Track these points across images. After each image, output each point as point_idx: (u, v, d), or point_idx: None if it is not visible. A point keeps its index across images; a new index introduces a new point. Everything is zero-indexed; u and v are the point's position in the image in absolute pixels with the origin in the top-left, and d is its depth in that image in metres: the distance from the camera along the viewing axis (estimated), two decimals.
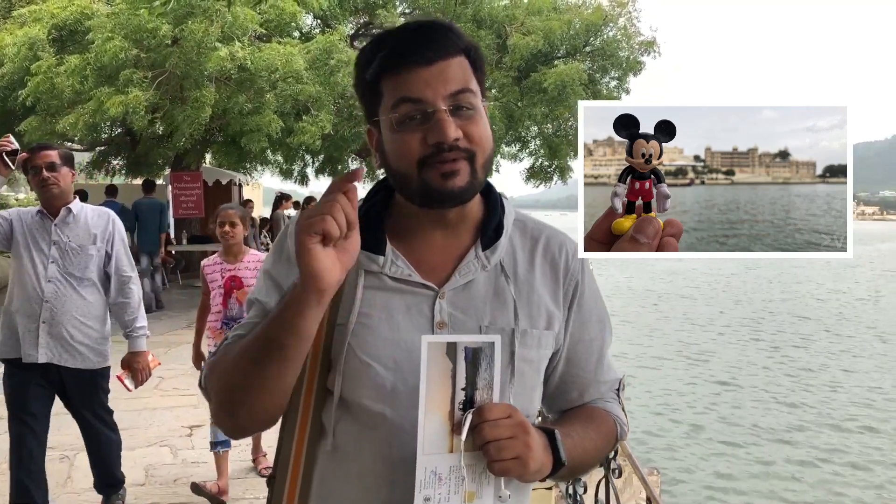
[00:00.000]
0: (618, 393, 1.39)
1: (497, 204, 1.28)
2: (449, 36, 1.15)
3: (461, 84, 1.14)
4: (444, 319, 1.19)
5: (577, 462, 1.18)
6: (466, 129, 1.14)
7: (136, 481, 4.71)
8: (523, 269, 1.26)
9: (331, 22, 15.45)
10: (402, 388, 1.16)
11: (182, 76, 10.22)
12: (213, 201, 17.31)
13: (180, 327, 10.33)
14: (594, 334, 1.33)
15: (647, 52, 14.67)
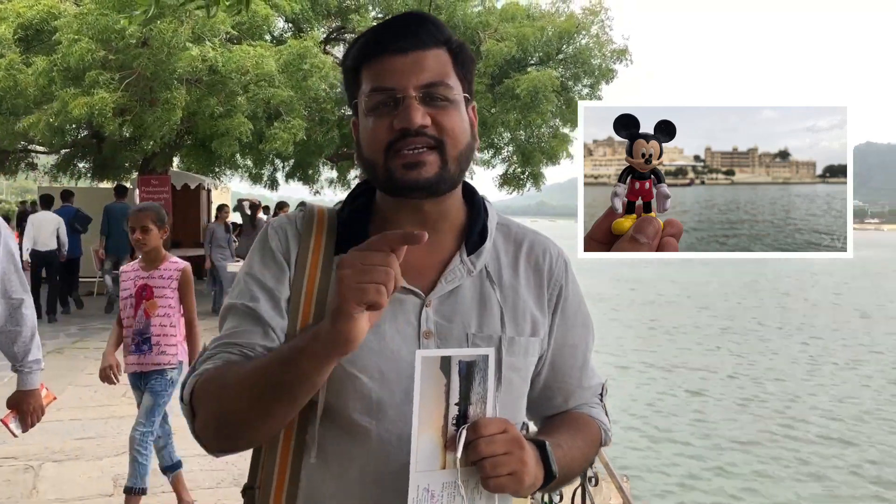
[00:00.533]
0: (601, 398, 1.37)
1: (481, 208, 1.26)
2: (429, 27, 1.15)
3: (435, 76, 1.12)
4: (431, 328, 1.17)
5: (566, 472, 1.17)
6: (437, 117, 1.12)
7: (103, 492, 4.61)
8: (508, 275, 1.24)
9: (303, 26, 15.38)
10: (389, 400, 1.13)
11: (151, 77, 10.07)
12: (182, 206, 17.16)
13: None
14: (578, 340, 1.31)
15: (619, 59, 14.80)
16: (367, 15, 15.98)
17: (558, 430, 1.26)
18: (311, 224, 1.23)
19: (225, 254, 11.87)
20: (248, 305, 1.18)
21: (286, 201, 12.97)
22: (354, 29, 15.78)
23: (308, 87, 11.29)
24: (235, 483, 4.73)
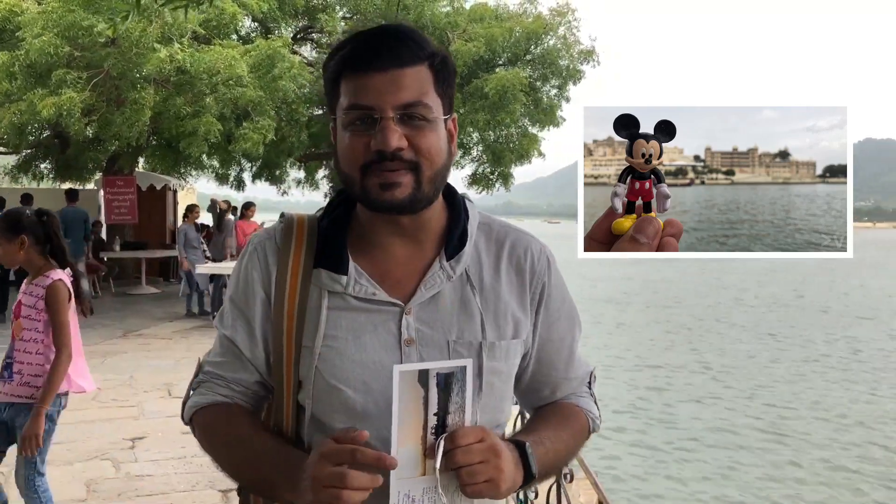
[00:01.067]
0: (590, 386, 1.39)
1: (461, 210, 1.26)
2: (410, 44, 1.13)
3: (414, 95, 1.11)
4: (412, 336, 1.18)
5: (548, 469, 1.20)
6: (414, 139, 1.11)
7: (76, 497, 4.53)
8: (489, 277, 1.24)
9: (270, 25, 15.25)
10: (373, 409, 1.15)
11: (118, 77, 9.90)
12: (148, 207, 16.94)
13: (115, 336, 10.02)
14: (563, 333, 1.32)
15: (586, 60, 14.91)
16: (334, 14, 15.90)
17: (544, 424, 1.27)
18: (290, 237, 1.24)
19: (197, 254, 11.74)
20: (228, 336, 1.26)
21: (253, 202, 12.85)
22: (322, 28, 15.70)
23: (277, 88, 11.20)
24: (211, 486, 4.68)
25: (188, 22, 10.09)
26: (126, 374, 7.75)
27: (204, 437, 1.27)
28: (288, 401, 1.21)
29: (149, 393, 7.01)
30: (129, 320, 11.39)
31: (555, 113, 15.06)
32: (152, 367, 8.11)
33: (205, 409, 1.27)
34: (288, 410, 1.21)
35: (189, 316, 11.76)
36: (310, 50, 17.62)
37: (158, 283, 16.45)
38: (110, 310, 12.54)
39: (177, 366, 8.21)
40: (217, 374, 1.27)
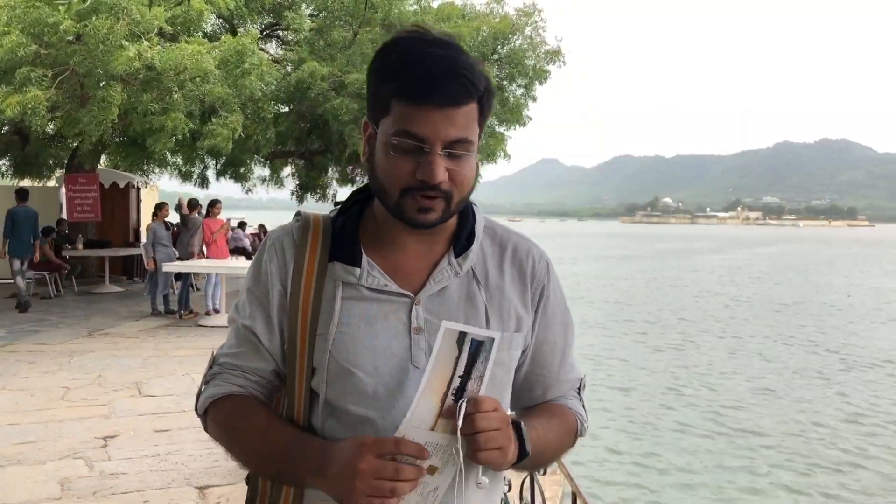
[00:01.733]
0: (579, 391, 1.46)
1: (469, 213, 1.34)
2: (465, 82, 1.17)
3: (462, 133, 1.17)
4: (421, 325, 1.25)
5: (539, 454, 1.26)
6: (453, 171, 1.18)
7: (51, 496, 4.52)
8: (494, 275, 1.32)
9: (236, 22, 15.16)
10: (383, 392, 1.22)
11: (85, 74, 9.78)
12: (111, 204, 16.73)
13: (80, 335, 9.92)
14: (558, 336, 1.40)
15: (552, 60, 15.07)
16: (301, 12, 15.85)
17: (535, 416, 1.35)
18: (306, 233, 1.31)
19: (168, 252, 11.65)
20: (247, 325, 1.31)
21: (219, 199, 12.78)
22: (288, 26, 15.64)
23: (244, 85, 11.16)
24: (187, 483, 4.70)
25: (154, 19, 10.01)
26: (94, 373, 7.69)
27: (220, 428, 1.31)
28: (301, 388, 1.26)
29: (119, 392, 6.97)
30: (94, 319, 11.27)
31: (521, 112, 15.20)
32: (121, 365, 8.06)
33: (220, 401, 1.31)
34: (301, 398, 1.26)
35: (155, 314, 11.67)
36: (275, 47, 17.55)
37: (122, 281, 16.27)
38: (74, 309, 12.40)
39: (145, 364, 8.17)
40: (233, 364, 1.33)
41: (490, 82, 1.23)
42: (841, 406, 12.62)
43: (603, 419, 11.16)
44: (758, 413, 12.09)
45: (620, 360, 16.21)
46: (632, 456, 9.92)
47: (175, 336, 10.03)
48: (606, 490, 8.69)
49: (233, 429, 1.30)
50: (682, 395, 13.21)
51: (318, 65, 13.30)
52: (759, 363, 16.25)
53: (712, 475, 9.22)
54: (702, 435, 10.81)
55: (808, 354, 17.46)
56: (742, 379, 14.57)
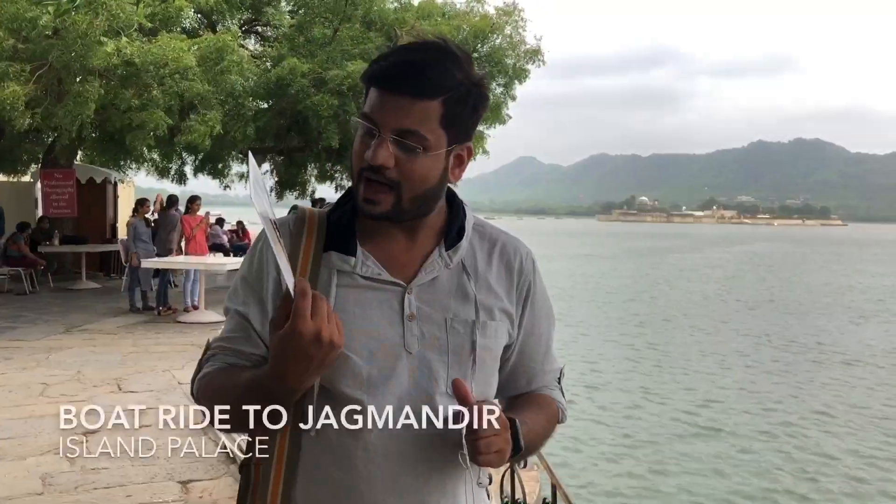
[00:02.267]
0: (559, 381, 1.53)
1: (460, 210, 1.40)
2: (431, 79, 1.24)
3: (413, 124, 1.23)
4: (413, 312, 1.31)
5: (529, 446, 1.33)
6: (402, 161, 1.24)
7: (32, 490, 4.52)
8: (482, 268, 1.39)
9: (215, 18, 15.10)
10: (377, 375, 1.27)
11: (62, 69, 9.71)
12: (88, 200, 16.58)
13: (58, 332, 9.86)
14: (543, 329, 1.47)
15: (532, 59, 15.17)
16: (280, 8, 15.83)
17: (525, 408, 1.41)
18: (302, 223, 1.36)
19: (148, 248, 11.59)
20: (240, 311, 1.36)
21: (198, 195, 12.75)
22: (268, 22, 15.62)
23: (224, 82, 11.14)
24: (169, 477, 4.72)
25: (133, 15, 9.96)
26: (73, 369, 7.67)
27: (203, 395, 1.34)
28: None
29: (99, 388, 6.96)
30: (71, 315, 11.19)
31: (501, 111, 15.29)
32: (100, 361, 8.04)
33: (208, 374, 1.35)
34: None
35: (133, 311, 11.62)
36: (254, 43, 17.49)
37: (98, 277, 16.14)
38: (50, 305, 12.30)
39: (124, 360, 8.15)
40: (226, 346, 1.36)
41: (468, 87, 1.27)
42: (811, 404, 12.84)
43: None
44: (728, 412, 12.28)
45: (589, 358, 16.34)
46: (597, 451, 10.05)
47: (154, 333, 10.00)
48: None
49: (211, 390, 1.33)
50: (651, 392, 13.40)
51: (299, 61, 13.28)
52: (730, 362, 16.48)
53: (684, 477, 9.35)
54: (672, 434, 10.96)
55: (780, 352, 17.75)
56: (712, 377, 14.78)
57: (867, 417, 12.01)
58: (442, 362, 1.30)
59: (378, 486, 1.27)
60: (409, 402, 1.26)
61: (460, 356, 1.31)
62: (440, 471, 1.30)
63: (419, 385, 1.28)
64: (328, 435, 1.28)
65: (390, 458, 1.26)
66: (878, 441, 10.77)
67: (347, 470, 1.28)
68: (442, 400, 1.28)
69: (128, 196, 21.89)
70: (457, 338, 1.32)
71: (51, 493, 4.53)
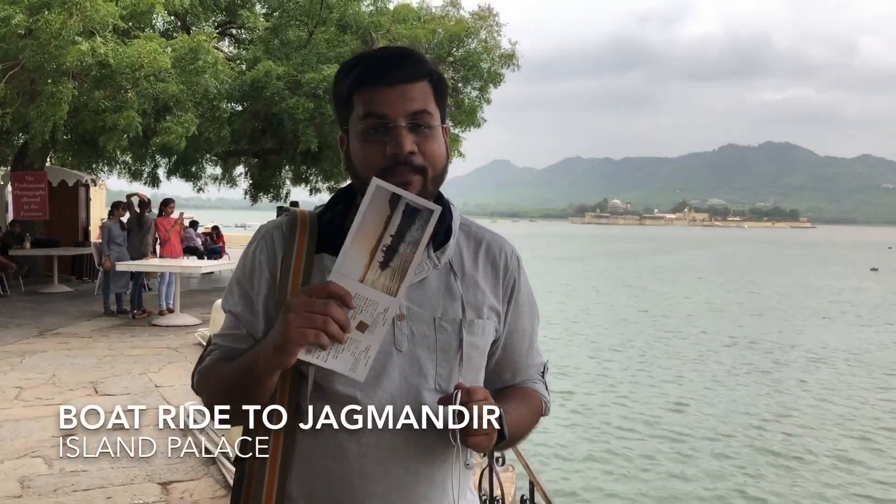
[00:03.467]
0: (542, 375, 1.60)
1: (447, 210, 1.44)
2: (413, 63, 1.33)
3: (420, 105, 1.31)
4: (403, 312, 1.36)
5: (513, 435, 1.39)
6: (422, 145, 1.30)
7: (11, 493, 4.51)
8: (469, 268, 1.44)
9: (189, 19, 15.03)
10: (370, 375, 1.30)
11: (34, 70, 9.63)
12: (59, 203, 16.40)
13: (31, 336, 9.76)
14: (527, 324, 1.53)
15: (506, 64, 15.29)
16: (255, 10, 15.80)
17: (509, 400, 1.46)
18: (294, 226, 1.41)
19: (122, 251, 11.50)
20: (233, 311, 1.41)
21: (172, 198, 12.67)
22: (243, 24, 15.57)
23: (199, 84, 11.10)
24: (149, 479, 4.73)
25: (107, 15, 9.89)
26: (48, 372, 7.61)
27: (201, 385, 1.41)
28: (285, 371, 1.31)
29: (74, 391, 6.92)
30: (44, 319, 11.08)
31: (476, 114, 15.39)
32: (75, 365, 7.98)
33: (206, 365, 1.42)
34: (283, 380, 1.33)
35: (107, 314, 11.53)
36: (229, 46, 17.43)
37: (71, 280, 15.98)
38: (22, 309, 12.15)
39: (100, 364, 8.10)
40: (223, 344, 1.41)
41: (437, 69, 1.37)
42: (771, 405, 13.05)
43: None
44: (694, 413, 12.47)
45: (560, 362, 16.46)
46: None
47: (129, 336, 9.94)
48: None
49: (210, 376, 1.39)
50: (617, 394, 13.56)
51: (274, 64, 13.28)
52: (696, 363, 16.70)
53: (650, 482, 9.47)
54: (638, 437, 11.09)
55: (743, 352, 18.02)
56: (674, 380, 14.97)
57: (831, 415, 12.28)
58: (431, 360, 1.35)
59: (370, 478, 1.32)
60: (400, 398, 1.32)
61: (448, 353, 1.37)
62: (429, 462, 1.35)
63: (409, 381, 1.33)
64: (323, 430, 1.33)
65: (382, 451, 1.32)
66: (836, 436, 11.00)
67: (341, 462, 1.33)
68: (430, 396, 1.33)
69: (100, 199, 21.66)
70: (445, 336, 1.37)
71: (29, 495, 4.52)
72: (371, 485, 1.32)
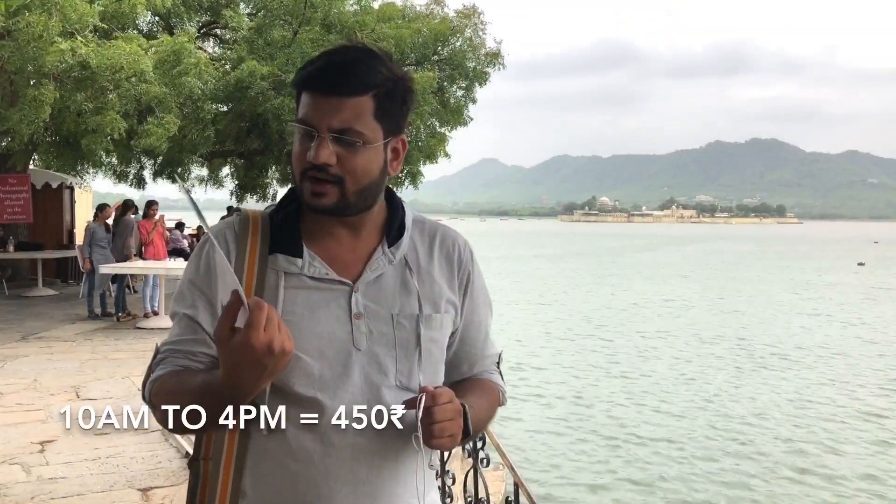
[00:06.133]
0: (498, 365, 1.60)
1: (399, 207, 1.46)
2: (358, 76, 1.30)
3: (348, 123, 1.29)
4: (360, 311, 1.35)
5: (476, 430, 1.39)
6: (343, 158, 1.30)
7: None
8: (424, 262, 1.44)
9: (173, 20, 14.94)
10: (329, 374, 1.32)
11: (14, 72, 9.53)
12: (44, 206, 16.27)
13: (13, 340, 9.66)
14: (482, 316, 1.54)
15: (492, 63, 15.26)
16: (239, 10, 15.71)
17: (469, 393, 1.45)
18: (246, 226, 1.39)
19: (105, 254, 11.41)
20: (188, 314, 1.37)
21: (155, 200, 12.58)
22: (227, 24, 15.48)
23: (182, 85, 11.02)
24: (129, 485, 4.67)
25: (87, 15, 9.80)
26: (29, 377, 7.53)
27: (155, 399, 1.32)
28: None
29: (56, 396, 6.85)
30: (27, 323, 10.98)
31: (462, 113, 15.37)
32: (57, 369, 7.90)
33: (160, 377, 1.34)
34: None
35: (91, 317, 11.43)
36: (213, 45, 17.33)
37: (55, 284, 15.85)
38: (5, 313, 12.04)
39: (83, 367, 8.02)
40: (176, 349, 1.36)
41: (395, 82, 1.34)
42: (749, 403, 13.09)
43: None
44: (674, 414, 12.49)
45: (535, 362, 16.44)
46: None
47: (113, 339, 9.86)
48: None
49: (167, 392, 1.31)
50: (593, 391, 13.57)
51: (258, 64, 13.21)
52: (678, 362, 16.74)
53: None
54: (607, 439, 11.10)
55: (725, 350, 18.09)
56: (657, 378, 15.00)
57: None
58: (390, 356, 1.35)
59: (335, 478, 1.31)
60: (362, 397, 1.31)
61: (407, 349, 1.36)
62: (394, 460, 1.34)
63: (369, 380, 1.33)
64: (282, 432, 1.31)
65: (346, 450, 1.30)
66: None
67: (305, 462, 1.31)
68: (391, 392, 1.33)
69: (86, 201, 21.49)
70: (403, 332, 1.36)
71: (8, 500, 4.46)
72: (337, 484, 1.31)
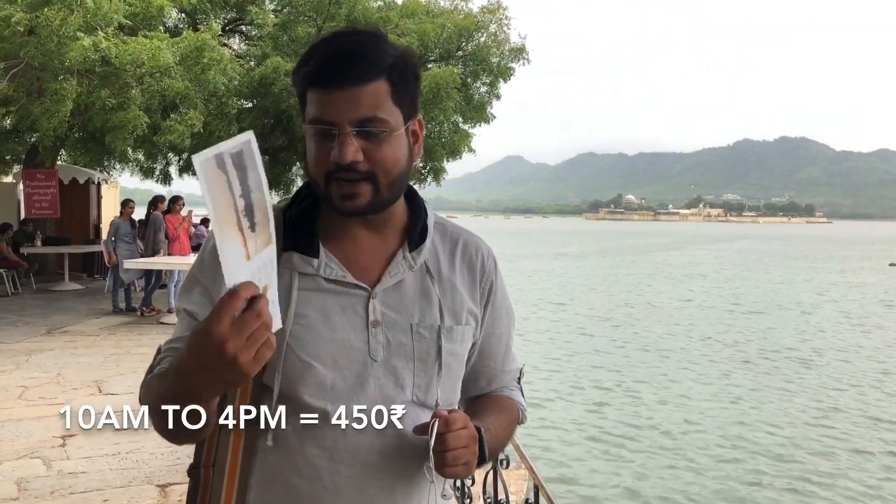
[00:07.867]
0: (519, 381, 1.50)
1: (421, 208, 1.35)
2: (368, 60, 1.19)
3: (370, 111, 1.18)
4: (378, 318, 1.26)
5: (494, 452, 1.30)
6: (370, 151, 1.19)
7: (8, 496, 4.45)
8: (446, 269, 1.34)
9: (198, 17, 15.00)
10: (342, 384, 1.22)
11: (39, 68, 9.59)
12: (71, 201, 16.45)
13: (39, 334, 9.75)
14: (503, 329, 1.43)
15: (516, 58, 15.15)
16: (264, 7, 15.73)
17: (487, 412, 1.37)
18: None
19: (131, 248, 11.49)
20: (190, 311, 1.28)
21: (180, 195, 12.65)
22: (252, 21, 15.52)
23: (206, 81, 11.04)
24: (148, 481, 4.66)
25: (112, 12, 9.83)
26: (53, 371, 7.58)
27: (143, 399, 1.22)
28: (248, 381, 1.18)
29: (78, 390, 6.88)
30: (52, 317, 11.08)
31: (485, 109, 15.28)
32: (80, 364, 7.95)
33: (153, 376, 1.25)
34: (245, 390, 1.22)
35: (116, 312, 11.51)
36: (238, 42, 17.39)
37: (82, 278, 16.01)
38: (32, 307, 12.17)
39: (106, 362, 8.06)
40: (176, 347, 1.26)
41: (402, 57, 1.23)
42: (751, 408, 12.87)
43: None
44: None
45: (552, 359, 16.29)
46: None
47: (136, 334, 9.91)
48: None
49: (152, 391, 1.20)
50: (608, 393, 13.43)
51: (282, 60, 13.21)
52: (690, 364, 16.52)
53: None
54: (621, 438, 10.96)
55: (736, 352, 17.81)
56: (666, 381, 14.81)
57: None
58: (408, 369, 1.26)
59: (343, 496, 1.22)
60: (376, 411, 1.21)
61: (426, 362, 1.27)
62: (406, 480, 1.25)
63: (384, 393, 1.24)
64: (289, 443, 1.23)
65: (355, 467, 1.22)
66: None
67: (311, 479, 1.23)
68: (408, 408, 1.24)
69: (113, 197, 21.72)
70: (422, 344, 1.27)
71: (26, 498, 4.46)
72: (345, 503, 1.23)
